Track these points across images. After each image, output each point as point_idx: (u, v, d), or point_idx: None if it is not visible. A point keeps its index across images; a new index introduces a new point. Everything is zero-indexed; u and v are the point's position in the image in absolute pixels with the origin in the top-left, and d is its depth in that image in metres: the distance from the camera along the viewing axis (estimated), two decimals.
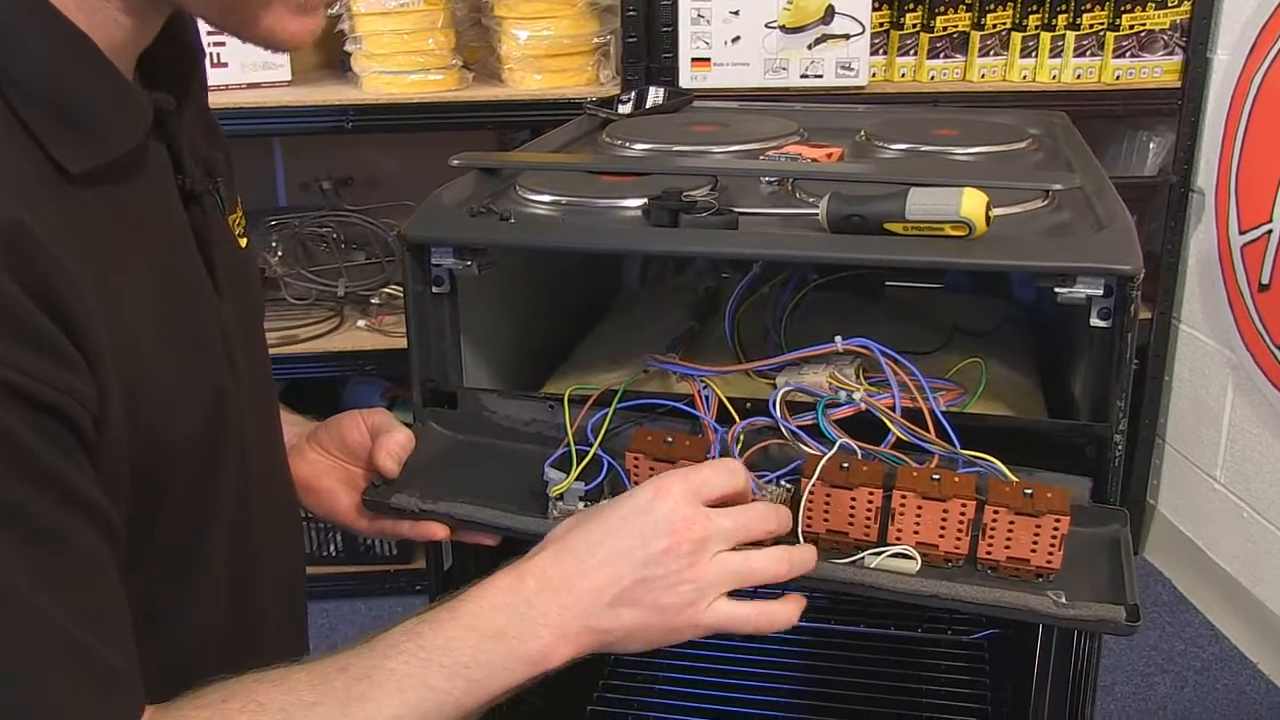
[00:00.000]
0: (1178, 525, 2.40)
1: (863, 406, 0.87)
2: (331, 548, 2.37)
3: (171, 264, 0.70)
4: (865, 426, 0.87)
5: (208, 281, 0.74)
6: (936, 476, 0.81)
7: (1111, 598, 0.77)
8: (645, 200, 0.97)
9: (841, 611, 1.38)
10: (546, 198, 1.02)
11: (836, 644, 1.38)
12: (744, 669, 1.37)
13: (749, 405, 0.92)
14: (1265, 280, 2.00)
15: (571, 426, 0.92)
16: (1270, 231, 1.97)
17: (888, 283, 1.30)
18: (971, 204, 0.85)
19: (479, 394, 0.98)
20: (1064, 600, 0.75)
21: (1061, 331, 1.14)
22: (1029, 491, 0.80)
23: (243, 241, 0.81)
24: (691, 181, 1.03)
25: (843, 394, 0.88)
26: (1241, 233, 2.06)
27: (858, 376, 1.00)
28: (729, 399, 0.92)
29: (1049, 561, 0.80)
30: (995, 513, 0.79)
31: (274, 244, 2.25)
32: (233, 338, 0.75)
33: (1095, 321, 0.85)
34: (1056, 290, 0.84)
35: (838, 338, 0.90)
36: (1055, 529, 0.79)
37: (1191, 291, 2.28)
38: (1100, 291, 0.84)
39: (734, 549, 0.73)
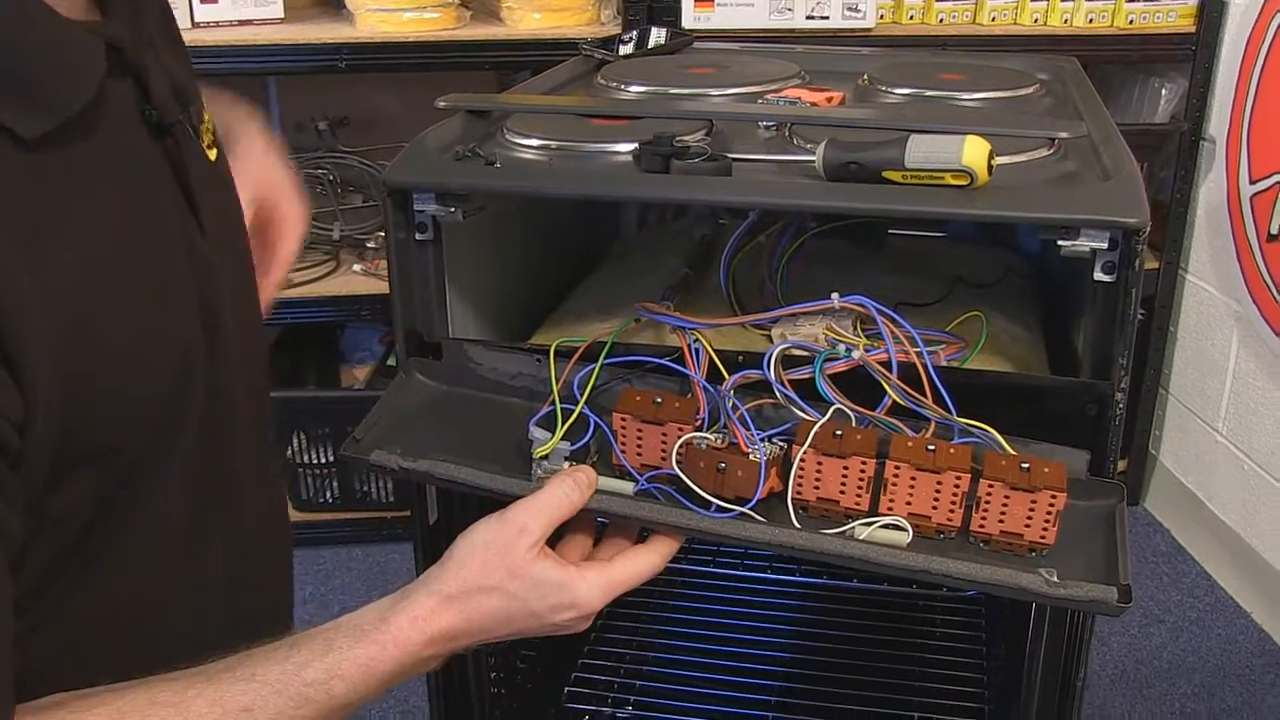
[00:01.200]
0: (1178, 476, 2.39)
1: (859, 362, 0.84)
2: (328, 494, 2.36)
3: (142, 212, 0.66)
4: (862, 382, 0.84)
5: (190, 220, 0.70)
6: (932, 447, 0.79)
7: (1104, 577, 0.75)
8: (636, 145, 0.94)
9: (834, 566, 1.37)
10: (535, 141, 0.99)
11: (830, 599, 1.37)
12: (735, 622, 1.37)
13: (741, 359, 0.90)
14: (1275, 231, 1.97)
15: (558, 382, 0.89)
16: None
17: (890, 231, 1.27)
18: (973, 152, 0.82)
19: (465, 345, 0.95)
20: (1056, 579, 0.73)
21: (1065, 284, 1.11)
22: (1026, 465, 0.77)
23: (212, 154, 0.76)
24: (685, 126, 0.99)
25: (841, 347, 0.85)
26: (1252, 182, 2.02)
27: (855, 329, 0.97)
28: (722, 351, 0.90)
29: (1043, 537, 0.78)
30: (990, 486, 0.77)
31: None
32: (217, 275, 0.71)
33: (1099, 276, 0.83)
34: (1060, 243, 0.81)
35: (834, 295, 0.87)
36: (1051, 505, 0.76)
37: (1199, 241, 2.25)
38: (1105, 245, 0.81)
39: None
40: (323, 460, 2.33)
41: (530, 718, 1.23)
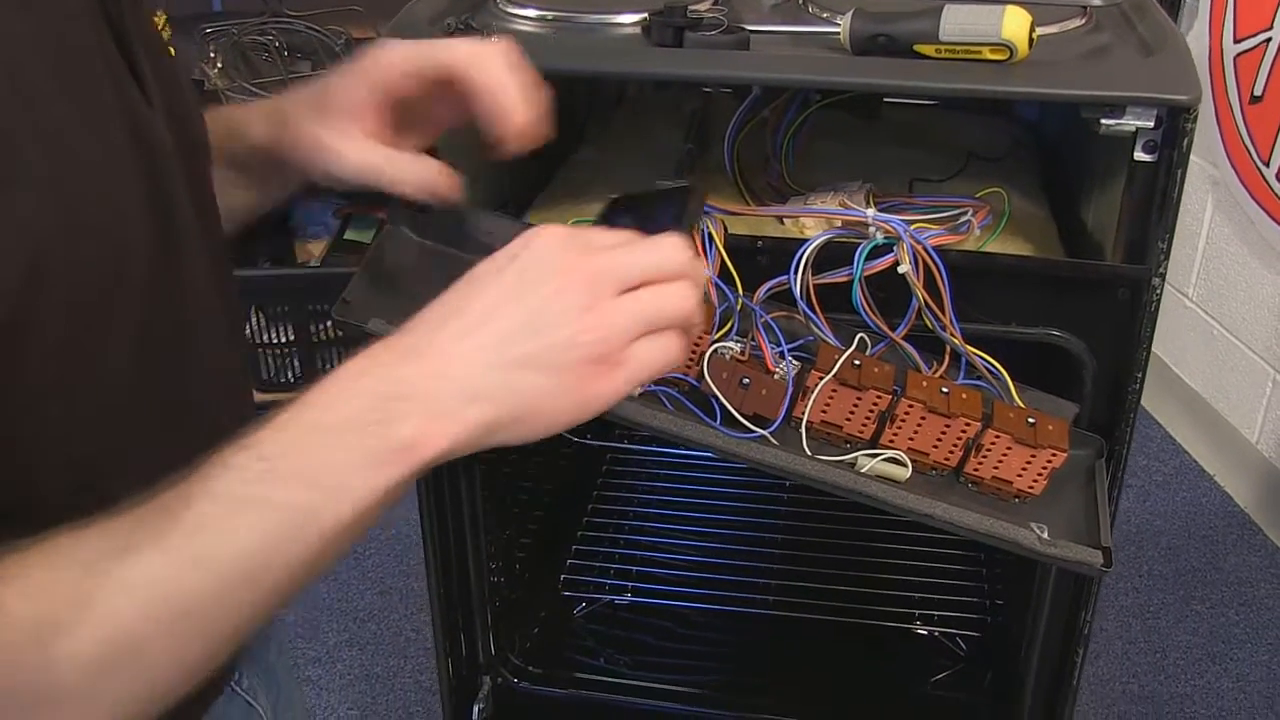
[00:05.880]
0: None
1: (901, 271, 0.81)
2: (289, 373, 2.30)
3: (65, 46, 0.51)
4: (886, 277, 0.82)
5: (130, 84, 0.55)
6: (945, 390, 0.79)
7: (1086, 536, 0.78)
8: (643, 16, 0.87)
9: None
10: (531, 12, 0.92)
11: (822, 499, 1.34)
12: (730, 504, 1.35)
13: (759, 244, 0.86)
14: (1258, 92, 1.93)
15: None
16: (1269, 40, 1.89)
17: (885, 100, 1.22)
18: (1014, 24, 0.77)
19: (460, 206, 0.88)
20: (1046, 536, 0.77)
21: (1078, 159, 1.07)
22: (1032, 421, 0.79)
23: (165, 31, 0.65)
24: None
25: (876, 232, 0.81)
26: (1236, 41, 1.98)
27: (868, 202, 0.94)
28: (737, 237, 0.86)
29: (1031, 488, 0.80)
30: (996, 437, 0.79)
31: (212, 54, 2.10)
32: (156, 146, 0.56)
33: (1140, 155, 0.79)
34: (1103, 121, 0.77)
35: (870, 210, 0.83)
36: (1049, 462, 0.79)
37: None
38: (1150, 124, 0.76)
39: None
40: (282, 339, 2.27)
41: (530, 606, 1.21)
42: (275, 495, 0.51)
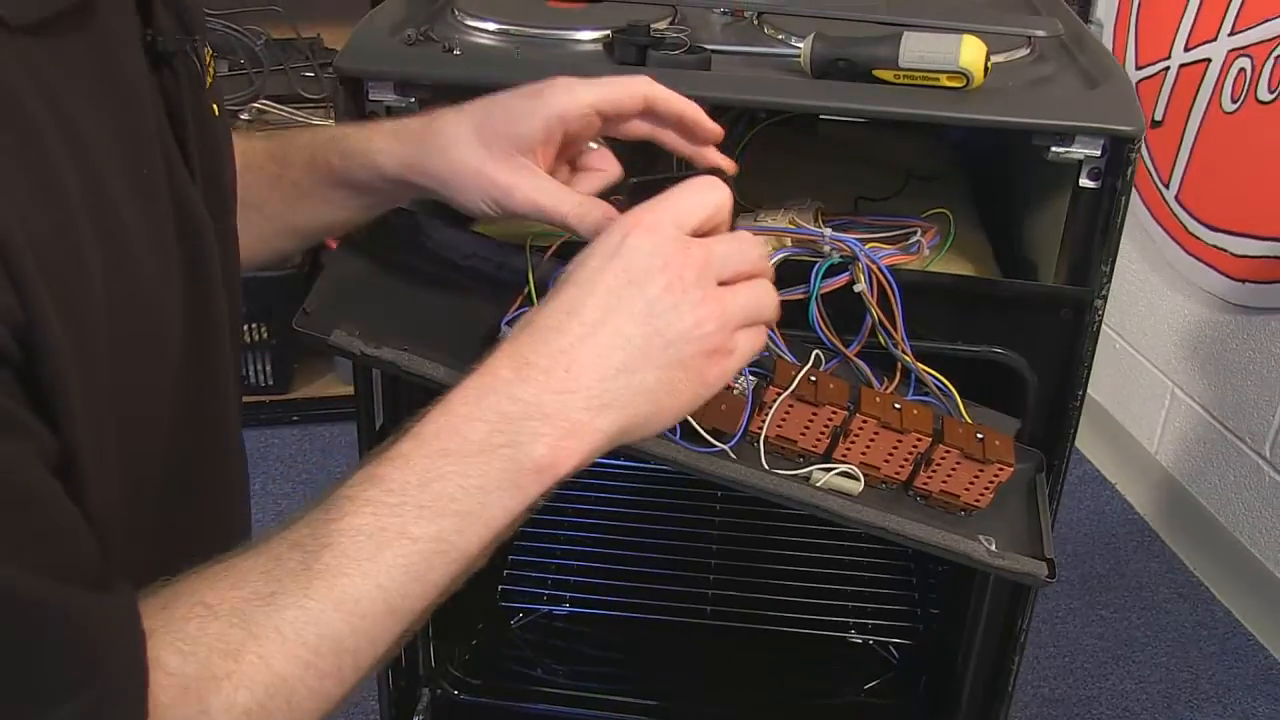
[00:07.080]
0: None
1: (857, 290, 0.82)
2: None
3: (133, 141, 0.52)
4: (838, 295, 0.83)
5: (180, 166, 0.56)
6: (898, 405, 0.81)
7: (1030, 548, 0.81)
8: (604, 33, 0.88)
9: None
10: (491, 26, 0.92)
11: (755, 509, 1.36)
12: (665, 514, 1.36)
13: None
14: (1158, 117, 2.02)
15: (525, 279, 0.84)
16: (1168, 68, 1.98)
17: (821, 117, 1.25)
18: (971, 53, 0.80)
19: (414, 216, 0.87)
20: (995, 548, 0.79)
21: (1014, 181, 1.11)
22: (980, 436, 0.81)
23: (214, 109, 0.63)
24: (651, 12, 0.94)
25: (831, 252, 0.83)
26: (1138, 68, 2.06)
27: (817, 220, 0.96)
28: None
29: (978, 501, 0.83)
30: (946, 452, 0.81)
31: None
32: (202, 229, 0.57)
33: (1085, 182, 0.82)
34: (1052, 149, 0.80)
35: (826, 230, 0.85)
36: (996, 476, 0.81)
37: None
38: (1096, 152, 0.80)
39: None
40: None
41: (469, 617, 1.21)
42: (413, 528, 0.51)
